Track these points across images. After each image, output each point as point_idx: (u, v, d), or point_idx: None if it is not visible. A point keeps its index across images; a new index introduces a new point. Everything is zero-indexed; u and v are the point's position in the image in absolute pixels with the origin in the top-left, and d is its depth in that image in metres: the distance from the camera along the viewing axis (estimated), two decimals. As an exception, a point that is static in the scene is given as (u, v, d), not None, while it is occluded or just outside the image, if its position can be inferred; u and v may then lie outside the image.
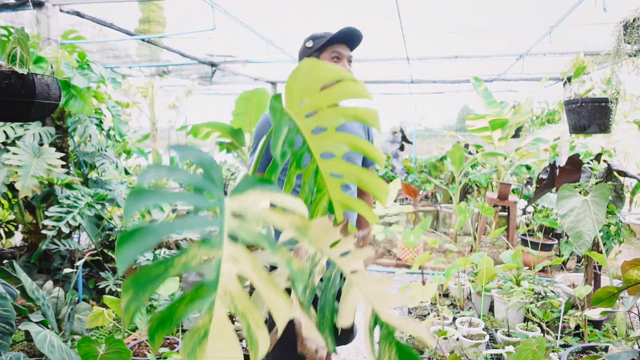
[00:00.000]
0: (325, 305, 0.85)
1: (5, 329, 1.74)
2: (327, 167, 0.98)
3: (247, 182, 0.76)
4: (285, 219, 0.70)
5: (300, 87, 0.85)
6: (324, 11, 4.76)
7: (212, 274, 0.59)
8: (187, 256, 0.60)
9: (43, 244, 2.88)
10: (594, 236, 2.24)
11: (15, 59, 2.19)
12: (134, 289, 0.53)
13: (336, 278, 0.87)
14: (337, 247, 0.87)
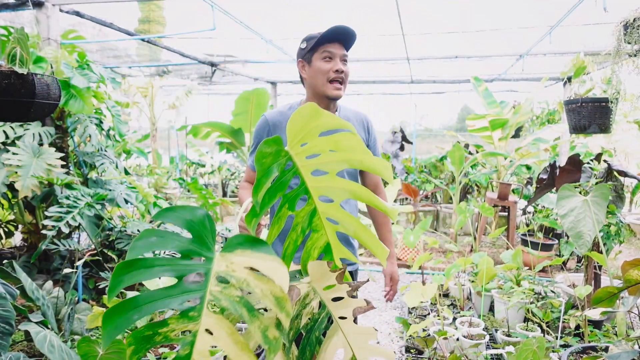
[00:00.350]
0: (308, 345, 0.87)
1: (5, 329, 1.74)
2: (325, 210, 0.96)
3: (237, 240, 0.77)
4: (266, 286, 0.72)
5: (301, 129, 0.85)
6: (324, 11, 4.76)
7: (186, 349, 0.64)
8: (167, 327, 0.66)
9: (43, 244, 2.88)
10: (594, 236, 2.24)
11: (15, 59, 2.18)
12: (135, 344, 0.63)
13: (323, 321, 0.88)
14: (330, 291, 0.89)
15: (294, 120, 0.83)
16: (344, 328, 0.86)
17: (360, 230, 0.97)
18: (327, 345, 0.86)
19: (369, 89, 8.81)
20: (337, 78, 1.65)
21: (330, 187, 0.94)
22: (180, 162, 9.22)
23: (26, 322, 2.00)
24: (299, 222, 0.95)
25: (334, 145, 0.87)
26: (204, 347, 0.64)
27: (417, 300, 2.51)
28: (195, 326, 0.66)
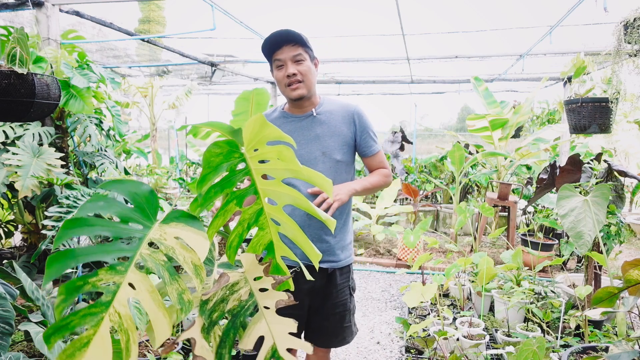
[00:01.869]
0: (232, 328, 0.95)
1: (5, 329, 1.74)
2: (271, 211, 1.07)
3: (176, 214, 0.91)
4: (188, 255, 0.84)
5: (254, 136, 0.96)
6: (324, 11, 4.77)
7: (109, 297, 0.72)
8: (97, 277, 0.74)
9: (43, 244, 2.88)
10: (594, 236, 2.24)
11: (14, 59, 2.18)
12: (65, 294, 0.69)
13: (250, 308, 0.97)
14: (259, 282, 0.98)
15: (247, 127, 0.94)
16: (267, 317, 0.95)
17: (298, 234, 1.06)
18: (250, 331, 0.94)
19: (369, 89, 8.81)
20: (291, 82, 1.70)
21: (275, 191, 1.04)
22: (180, 162, 9.22)
23: (26, 322, 2.00)
24: (246, 219, 1.04)
25: (279, 155, 0.97)
26: (124, 298, 0.73)
27: (417, 300, 2.51)
28: (120, 279, 0.75)
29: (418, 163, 7.89)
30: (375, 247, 5.65)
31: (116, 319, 0.71)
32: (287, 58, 1.69)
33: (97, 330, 0.67)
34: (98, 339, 0.67)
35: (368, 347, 3.15)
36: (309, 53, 1.74)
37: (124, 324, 0.72)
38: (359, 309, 3.85)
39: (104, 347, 0.67)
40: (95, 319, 0.68)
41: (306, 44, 1.72)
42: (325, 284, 1.81)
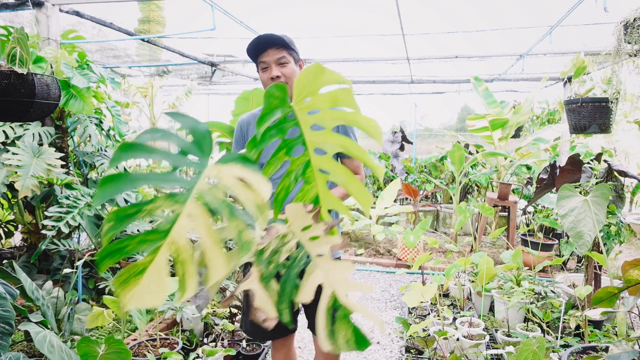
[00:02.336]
0: (287, 281, 0.92)
1: (4, 329, 1.74)
2: (318, 162, 1.05)
3: (230, 156, 0.88)
4: (250, 195, 0.82)
5: (305, 86, 0.95)
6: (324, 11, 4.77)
7: (167, 225, 0.69)
8: (154, 205, 0.71)
9: (43, 244, 2.88)
10: (594, 236, 2.24)
11: (14, 59, 2.18)
12: (114, 220, 0.66)
13: (302, 259, 0.93)
14: (307, 232, 0.96)
15: (299, 78, 0.93)
16: (322, 265, 0.92)
17: (349, 180, 1.05)
18: (307, 281, 0.91)
19: (369, 89, 8.81)
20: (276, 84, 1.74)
21: (325, 141, 1.04)
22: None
23: (26, 322, 2.00)
24: (294, 170, 1.04)
25: (333, 102, 0.97)
26: (183, 229, 0.71)
27: (417, 300, 2.51)
28: (179, 208, 0.73)
29: (418, 163, 7.89)
30: (375, 247, 5.66)
31: (174, 249, 0.69)
32: (272, 61, 1.73)
33: (153, 258, 0.65)
34: (154, 268, 0.65)
35: (368, 347, 3.16)
36: (294, 55, 1.78)
37: (181, 255, 0.69)
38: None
39: (159, 278, 0.65)
40: (153, 246, 0.67)
41: (289, 46, 1.75)
42: None
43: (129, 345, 2.58)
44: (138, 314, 2.32)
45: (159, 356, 2.42)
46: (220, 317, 3.12)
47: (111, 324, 2.99)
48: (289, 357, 2.04)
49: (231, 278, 3.43)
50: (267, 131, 0.96)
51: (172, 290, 2.47)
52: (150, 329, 2.86)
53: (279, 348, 2.00)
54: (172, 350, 2.43)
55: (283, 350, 2.01)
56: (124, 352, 1.94)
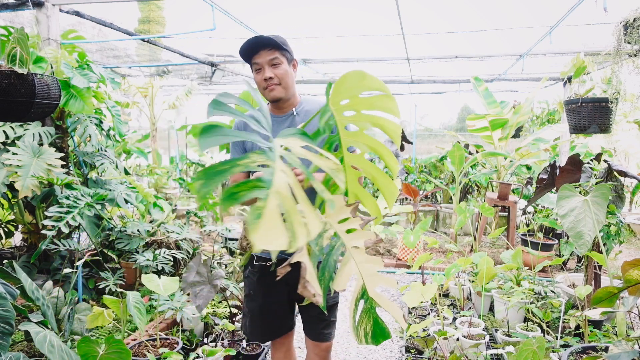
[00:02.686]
0: (327, 267, 0.97)
1: (5, 329, 1.74)
2: (350, 159, 1.14)
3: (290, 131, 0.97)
4: (322, 161, 0.90)
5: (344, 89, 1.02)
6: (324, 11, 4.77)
7: (269, 175, 0.76)
8: (249, 159, 0.78)
9: (43, 244, 2.88)
10: (594, 236, 2.24)
11: (15, 59, 2.18)
12: (205, 178, 0.72)
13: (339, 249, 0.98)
14: (344, 224, 1.00)
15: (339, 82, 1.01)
16: (356, 257, 0.97)
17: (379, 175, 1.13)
18: (342, 271, 0.96)
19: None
20: (268, 85, 1.76)
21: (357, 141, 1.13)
22: (180, 162, 9.21)
23: (26, 322, 2.00)
24: None
25: (369, 105, 1.05)
26: (282, 181, 0.77)
27: (417, 300, 2.51)
28: (272, 163, 0.80)
29: (418, 163, 7.89)
30: (375, 247, 5.66)
31: (279, 198, 0.74)
32: (264, 62, 1.73)
33: (265, 204, 0.70)
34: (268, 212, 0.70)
35: (368, 347, 3.16)
36: (287, 56, 1.78)
37: (285, 203, 0.74)
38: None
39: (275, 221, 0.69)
40: (263, 193, 0.72)
41: (282, 47, 1.75)
42: None
43: (129, 345, 2.58)
44: (138, 314, 2.32)
45: (159, 356, 2.42)
46: (220, 317, 3.12)
47: (111, 324, 2.99)
48: (289, 356, 2.05)
49: (231, 278, 3.43)
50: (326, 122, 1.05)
51: (172, 290, 2.48)
52: (150, 329, 2.87)
53: (278, 347, 2.01)
54: (172, 350, 2.44)
55: (282, 349, 2.01)
56: (124, 352, 1.94)
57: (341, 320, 3.59)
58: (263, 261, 1.85)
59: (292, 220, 0.74)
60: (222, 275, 2.63)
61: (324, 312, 1.88)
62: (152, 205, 3.94)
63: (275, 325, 1.93)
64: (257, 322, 1.93)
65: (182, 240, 3.58)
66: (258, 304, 1.91)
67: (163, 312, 2.82)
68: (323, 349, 1.92)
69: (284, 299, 1.89)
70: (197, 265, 2.61)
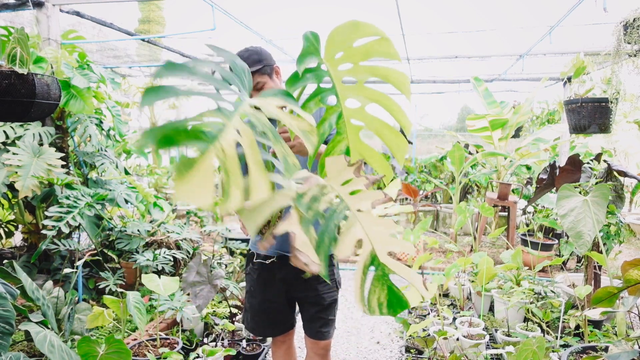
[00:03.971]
0: (326, 232, 0.87)
1: (5, 329, 1.74)
2: (350, 113, 1.04)
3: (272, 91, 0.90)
4: (295, 122, 0.82)
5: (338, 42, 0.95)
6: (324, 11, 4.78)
7: (216, 132, 0.69)
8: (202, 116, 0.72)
9: (43, 244, 2.88)
10: (594, 236, 2.24)
11: (15, 59, 2.18)
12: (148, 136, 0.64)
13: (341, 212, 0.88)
14: (347, 186, 0.91)
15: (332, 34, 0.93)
16: (362, 220, 0.86)
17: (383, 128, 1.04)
18: (346, 235, 0.86)
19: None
20: None
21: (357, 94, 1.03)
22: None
23: (26, 322, 2.00)
24: (327, 118, 1.04)
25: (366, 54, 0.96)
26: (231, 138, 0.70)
27: (417, 300, 2.50)
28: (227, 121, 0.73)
29: (418, 163, 7.89)
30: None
31: (221, 156, 0.69)
32: None
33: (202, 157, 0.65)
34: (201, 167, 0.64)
35: (368, 347, 3.16)
36: (266, 71, 1.74)
37: (227, 162, 0.69)
38: (359, 309, 3.85)
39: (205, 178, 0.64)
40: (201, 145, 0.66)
41: (259, 68, 1.71)
42: (302, 275, 1.82)
43: (129, 345, 2.58)
44: (138, 314, 2.32)
45: (159, 356, 2.43)
46: (220, 317, 3.12)
47: (111, 324, 3.00)
48: (289, 354, 2.05)
49: (231, 278, 3.43)
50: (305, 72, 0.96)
51: (172, 290, 2.48)
52: (150, 329, 2.87)
53: (278, 345, 2.02)
54: (172, 350, 2.44)
55: (283, 347, 2.02)
56: (124, 351, 1.94)
57: (341, 320, 3.59)
58: (262, 259, 1.86)
59: (230, 182, 0.69)
60: (222, 275, 2.63)
61: (323, 310, 1.89)
62: (152, 205, 3.94)
63: (275, 322, 1.94)
64: (258, 318, 1.94)
65: (182, 240, 3.58)
66: (258, 300, 1.92)
67: (163, 312, 2.82)
68: (322, 347, 1.92)
69: (282, 297, 1.90)
70: (197, 265, 2.61)
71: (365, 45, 0.95)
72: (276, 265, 1.84)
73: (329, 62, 0.98)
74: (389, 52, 0.95)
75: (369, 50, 0.95)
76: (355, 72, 1.00)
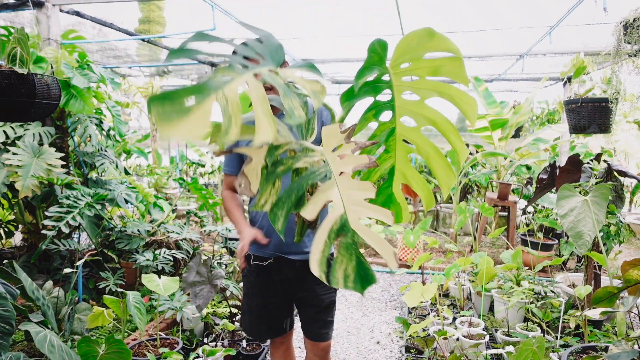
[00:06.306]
0: (294, 189, 0.82)
1: (5, 329, 1.74)
2: (404, 132, 0.97)
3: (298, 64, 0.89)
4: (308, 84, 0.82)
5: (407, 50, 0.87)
6: (324, 11, 4.78)
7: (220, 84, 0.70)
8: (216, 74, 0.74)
9: (43, 244, 2.88)
10: (594, 236, 2.24)
11: (15, 59, 2.18)
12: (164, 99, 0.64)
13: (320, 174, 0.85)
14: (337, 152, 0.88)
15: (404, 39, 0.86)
16: (340, 182, 0.81)
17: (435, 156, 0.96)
18: (318, 196, 0.81)
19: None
20: None
21: (415, 112, 0.95)
22: (180, 162, 9.21)
23: (26, 322, 2.00)
24: (377, 135, 0.98)
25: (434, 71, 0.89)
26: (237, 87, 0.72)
27: (417, 300, 2.51)
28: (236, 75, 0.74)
29: (418, 163, 7.89)
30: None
31: (222, 102, 0.69)
32: None
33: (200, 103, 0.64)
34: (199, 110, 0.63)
35: (368, 347, 3.16)
36: None
37: (229, 107, 0.69)
38: (359, 309, 3.85)
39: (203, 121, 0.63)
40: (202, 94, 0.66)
41: None
42: (300, 277, 1.82)
43: (129, 345, 2.58)
44: (138, 314, 2.33)
45: (159, 356, 2.43)
46: (220, 317, 3.12)
47: (111, 324, 3.00)
48: (288, 355, 2.05)
49: (231, 278, 3.43)
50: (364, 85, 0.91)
51: (172, 290, 2.48)
52: (150, 329, 2.87)
53: (277, 346, 2.02)
54: (172, 350, 2.44)
55: (282, 348, 2.02)
56: (124, 351, 1.94)
57: (341, 320, 3.59)
58: (259, 260, 1.85)
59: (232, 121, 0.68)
60: (222, 275, 2.63)
61: (321, 311, 1.88)
62: (152, 205, 3.94)
63: (273, 324, 1.94)
64: (256, 320, 1.94)
65: (182, 240, 3.58)
66: (256, 302, 1.92)
67: (163, 312, 2.82)
68: (321, 349, 1.92)
69: (281, 299, 1.90)
70: (197, 265, 2.61)
71: (436, 60, 0.88)
72: (274, 267, 1.84)
73: (394, 70, 0.91)
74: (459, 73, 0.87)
75: (438, 67, 0.88)
76: (419, 87, 0.93)
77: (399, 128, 0.97)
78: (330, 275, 0.72)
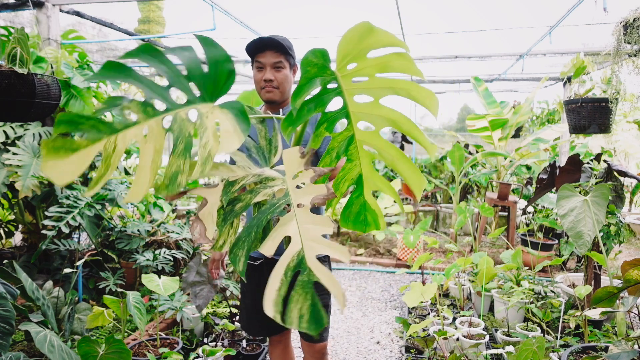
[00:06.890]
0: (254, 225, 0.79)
1: (5, 329, 1.74)
2: (364, 137, 0.91)
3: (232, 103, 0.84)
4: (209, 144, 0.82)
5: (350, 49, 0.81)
6: (324, 11, 4.78)
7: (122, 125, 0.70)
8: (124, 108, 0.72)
9: (43, 244, 2.88)
10: (594, 236, 2.24)
11: (15, 59, 2.18)
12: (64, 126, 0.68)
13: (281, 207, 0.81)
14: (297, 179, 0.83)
15: (344, 38, 0.79)
16: (298, 216, 0.77)
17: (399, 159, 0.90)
18: (276, 232, 0.77)
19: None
20: (267, 86, 1.78)
21: (372, 114, 0.89)
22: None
23: (26, 322, 2.00)
24: (335, 147, 0.92)
25: (382, 68, 0.82)
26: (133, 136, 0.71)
27: (417, 300, 2.51)
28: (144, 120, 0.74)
29: (418, 163, 7.89)
30: (375, 247, 5.66)
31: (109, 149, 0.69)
32: (268, 63, 1.76)
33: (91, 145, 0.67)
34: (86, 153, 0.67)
35: (368, 347, 3.16)
36: (290, 61, 1.80)
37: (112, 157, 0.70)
38: (358, 309, 3.85)
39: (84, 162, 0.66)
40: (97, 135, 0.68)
41: (288, 52, 1.77)
42: None
43: (129, 345, 2.58)
44: (138, 314, 2.32)
45: (159, 356, 2.43)
46: (220, 317, 3.12)
47: (111, 324, 3.00)
48: (286, 353, 2.06)
49: (231, 278, 3.43)
50: (304, 105, 0.83)
51: (172, 290, 2.48)
52: (150, 329, 2.87)
53: (275, 344, 2.03)
54: (172, 350, 2.44)
55: (280, 347, 2.03)
56: (124, 351, 1.94)
57: (341, 320, 3.59)
58: (251, 260, 1.89)
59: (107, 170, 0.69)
60: (222, 275, 2.63)
61: None
62: (152, 205, 3.94)
63: (268, 322, 1.94)
64: (251, 317, 1.97)
65: (182, 240, 3.58)
66: (250, 300, 1.95)
67: (163, 312, 2.82)
68: (317, 350, 1.93)
69: None
70: (197, 265, 2.61)
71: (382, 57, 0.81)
72: (265, 267, 1.87)
73: (341, 72, 0.84)
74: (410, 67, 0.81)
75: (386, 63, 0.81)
76: (371, 86, 0.86)
77: (357, 134, 0.91)
78: (285, 315, 0.67)
